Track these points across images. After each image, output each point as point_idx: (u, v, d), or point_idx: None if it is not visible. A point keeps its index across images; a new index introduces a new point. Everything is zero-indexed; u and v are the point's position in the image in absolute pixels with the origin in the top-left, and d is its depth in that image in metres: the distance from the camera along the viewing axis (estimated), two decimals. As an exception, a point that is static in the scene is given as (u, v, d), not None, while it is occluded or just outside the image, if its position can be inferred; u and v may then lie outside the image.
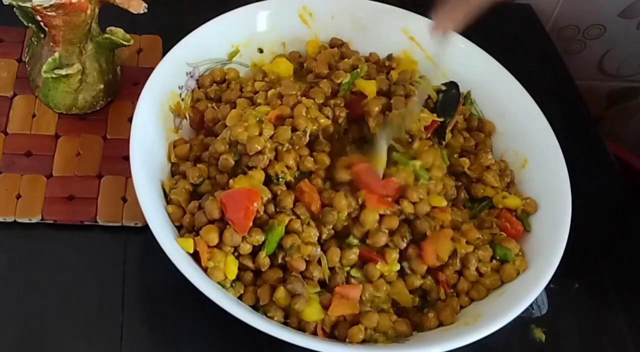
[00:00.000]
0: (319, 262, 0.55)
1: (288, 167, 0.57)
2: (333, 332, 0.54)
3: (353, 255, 0.56)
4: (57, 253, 0.60)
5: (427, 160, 0.59)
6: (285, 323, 0.54)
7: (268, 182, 0.57)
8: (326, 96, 0.62)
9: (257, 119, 0.58)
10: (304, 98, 0.60)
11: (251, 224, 0.54)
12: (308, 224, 0.56)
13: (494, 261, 0.59)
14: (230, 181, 0.56)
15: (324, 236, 0.56)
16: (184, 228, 0.56)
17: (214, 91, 0.65)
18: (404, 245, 0.56)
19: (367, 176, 0.58)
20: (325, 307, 0.54)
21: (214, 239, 0.54)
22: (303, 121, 0.58)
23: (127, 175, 0.61)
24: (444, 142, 0.64)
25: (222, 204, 0.54)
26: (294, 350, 0.50)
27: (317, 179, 0.58)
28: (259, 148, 0.57)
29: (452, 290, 0.58)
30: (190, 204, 0.57)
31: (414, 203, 0.57)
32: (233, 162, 0.58)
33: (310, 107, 0.59)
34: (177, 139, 0.62)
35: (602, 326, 0.64)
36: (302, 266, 0.54)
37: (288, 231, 0.55)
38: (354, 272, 0.56)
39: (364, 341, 0.53)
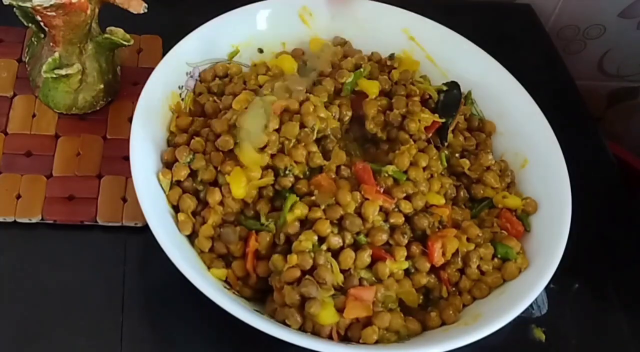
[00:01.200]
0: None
1: (297, 162, 0.57)
2: (347, 334, 0.54)
3: (366, 256, 0.55)
4: (57, 253, 0.60)
5: (402, 163, 0.59)
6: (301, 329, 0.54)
7: (276, 175, 0.57)
8: (329, 95, 0.62)
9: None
10: (311, 95, 0.60)
11: None
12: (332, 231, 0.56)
13: (496, 259, 0.59)
14: (226, 176, 0.56)
15: (347, 242, 0.56)
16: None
17: (216, 86, 0.65)
18: (404, 241, 0.56)
19: (363, 174, 0.58)
20: (340, 310, 0.53)
21: (242, 271, 0.56)
22: (312, 118, 0.58)
23: (127, 175, 0.61)
24: (446, 143, 0.64)
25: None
26: (295, 350, 0.50)
27: (330, 173, 0.58)
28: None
29: (454, 288, 0.58)
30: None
31: (405, 198, 0.57)
32: (233, 144, 0.58)
33: (318, 105, 0.59)
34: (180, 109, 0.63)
35: (602, 326, 0.64)
36: (297, 274, 0.54)
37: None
38: (364, 273, 0.55)
39: (377, 342, 0.53)
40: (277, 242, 0.56)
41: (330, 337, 0.53)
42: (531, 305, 0.55)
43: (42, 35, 0.65)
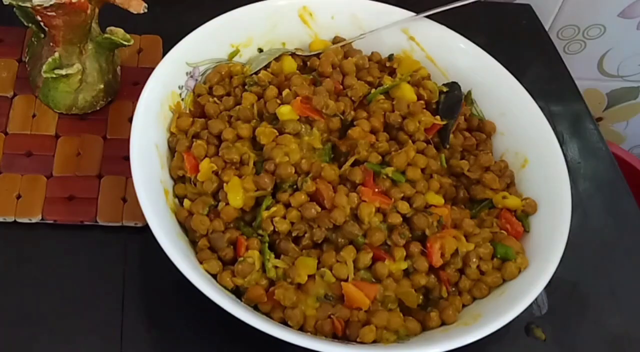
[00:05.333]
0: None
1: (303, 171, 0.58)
2: (345, 333, 0.54)
3: (367, 258, 0.55)
4: (57, 253, 0.60)
5: (399, 163, 0.59)
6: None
7: (276, 190, 0.57)
8: (330, 94, 0.62)
9: (298, 143, 0.58)
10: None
11: None
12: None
13: (495, 259, 0.59)
14: (225, 185, 0.57)
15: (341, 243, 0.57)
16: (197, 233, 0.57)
17: (219, 88, 0.65)
18: (402, 242, 0.56)
19: (364, 176, 0.58)
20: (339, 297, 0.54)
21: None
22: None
23: (127, 175, 0.61)
24: (447, 145, 0.64)
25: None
26: (294, 350, 0.50)
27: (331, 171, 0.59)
28: (292, 172, 0.57)
29: (454, 288, 0.58)
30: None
31: (404, 199, 0.58)
32: (239, 159, 0.58)
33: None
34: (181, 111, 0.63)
35: (602, 326, 0.64)
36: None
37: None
38: (362, 274, 0.56)
39: (376, 342, 0.53)
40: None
41: (332, 335, 0.53)
42: (531, 305, 0.55)
43: (42, 35, 0.65)
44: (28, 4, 0.58)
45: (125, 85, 0.69)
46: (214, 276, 0.54)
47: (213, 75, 0.65)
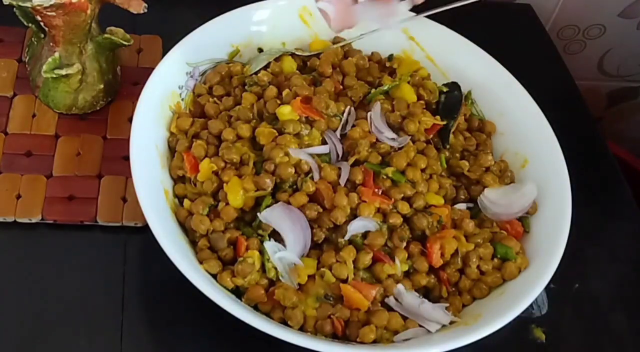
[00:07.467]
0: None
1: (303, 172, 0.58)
2: (345, 333, 0.54)
3: (367, 258, 0.55)
4: (57, 253, 0.60)
5: (399, 163, 0.59)
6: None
7: (276, 190, 0.57)
8: (330, 94, 0.62)
9: (298, 143, 0.58)
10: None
11: None
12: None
13: (495, 259, 0.59)
14: (224, 185, 0.57)
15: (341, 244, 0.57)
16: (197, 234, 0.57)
17: (219, 88, 0.65)
18: (402, 245, 0.56)
19: (364, 176, 0.58)
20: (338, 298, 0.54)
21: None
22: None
23: (127, 175, 0.61)
24: (447, 146, 0.64)
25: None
26: (294, 350, 0.50)
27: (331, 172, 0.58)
28: (292, 172, 0.57)
29: (454, 288, 0.58)
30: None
31: (404, 199, 0.58)
32: (239, 159, 0.58)
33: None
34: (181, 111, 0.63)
35: (602, 326, 0.64)
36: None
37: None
38: (362, 274, 0.56)
39: (376, 342, 0.53)
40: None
41: (332, 335, 0.53)
42: (531, 305, 0.55)
43: (42, 35, 0.65)
44: (28, 4, 0.58)
45: (125, 85, 0.69)
46: (214, 276, 0.54)
47: (213, 75, 0.65)
